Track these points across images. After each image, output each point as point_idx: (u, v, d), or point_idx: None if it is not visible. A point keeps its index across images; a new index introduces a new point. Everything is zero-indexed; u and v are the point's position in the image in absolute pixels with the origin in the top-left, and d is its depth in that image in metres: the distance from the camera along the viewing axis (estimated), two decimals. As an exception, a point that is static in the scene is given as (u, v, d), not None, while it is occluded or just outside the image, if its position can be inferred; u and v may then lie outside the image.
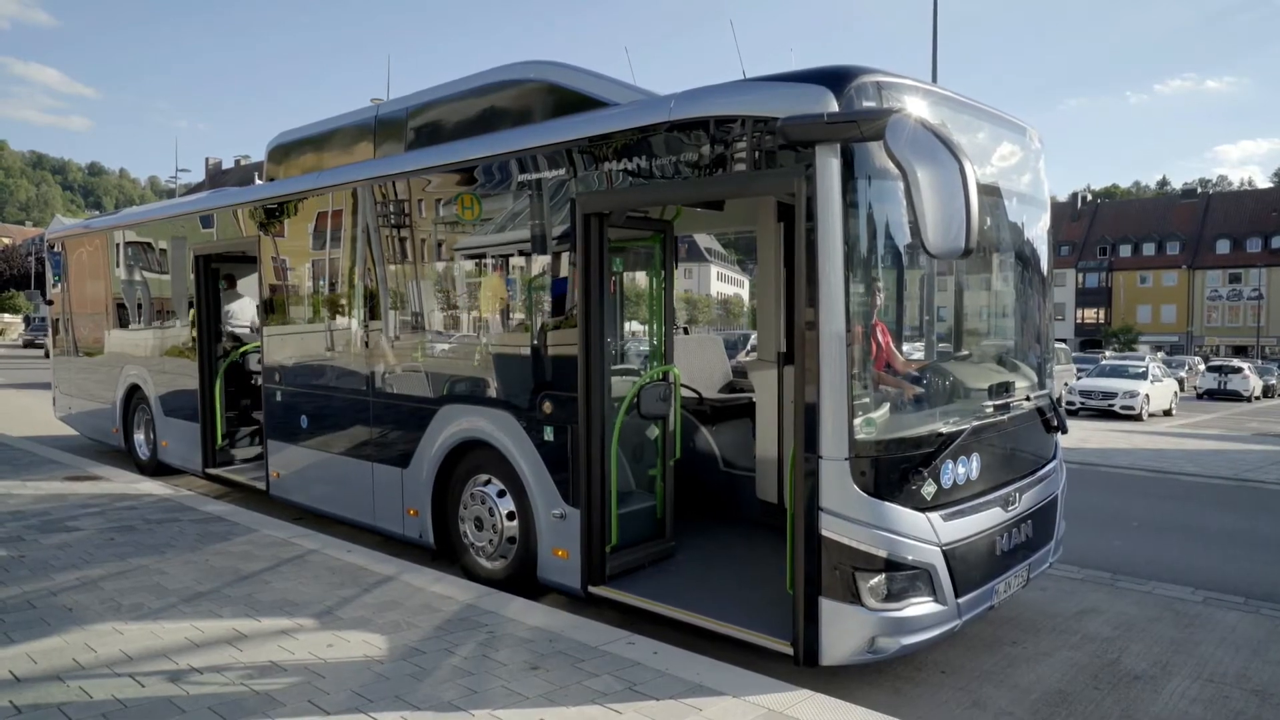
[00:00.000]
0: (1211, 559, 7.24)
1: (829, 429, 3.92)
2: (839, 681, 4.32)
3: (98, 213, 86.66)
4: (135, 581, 5.36)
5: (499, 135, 5.70)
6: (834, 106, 3.87)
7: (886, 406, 4.20)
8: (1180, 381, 30.78)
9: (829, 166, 3.85)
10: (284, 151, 8.04)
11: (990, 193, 4.60)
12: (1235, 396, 33.05)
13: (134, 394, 10.05)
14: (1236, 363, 37.89)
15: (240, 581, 5.39)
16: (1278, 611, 5.74)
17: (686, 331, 10.80)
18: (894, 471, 4.03)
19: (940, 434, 4.22)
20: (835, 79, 3.95)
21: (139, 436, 10.06)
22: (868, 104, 3.92)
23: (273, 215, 7.74)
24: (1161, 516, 9.11)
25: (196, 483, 9.13)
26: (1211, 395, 33.75)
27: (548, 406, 5.21)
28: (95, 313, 10.91)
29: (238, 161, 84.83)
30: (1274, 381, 36.86)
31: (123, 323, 10.29)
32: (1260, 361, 45.71)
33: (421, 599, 5.06)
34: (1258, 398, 33.69)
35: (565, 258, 5.13)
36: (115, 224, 10.64)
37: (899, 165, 3.65)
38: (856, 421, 3.92)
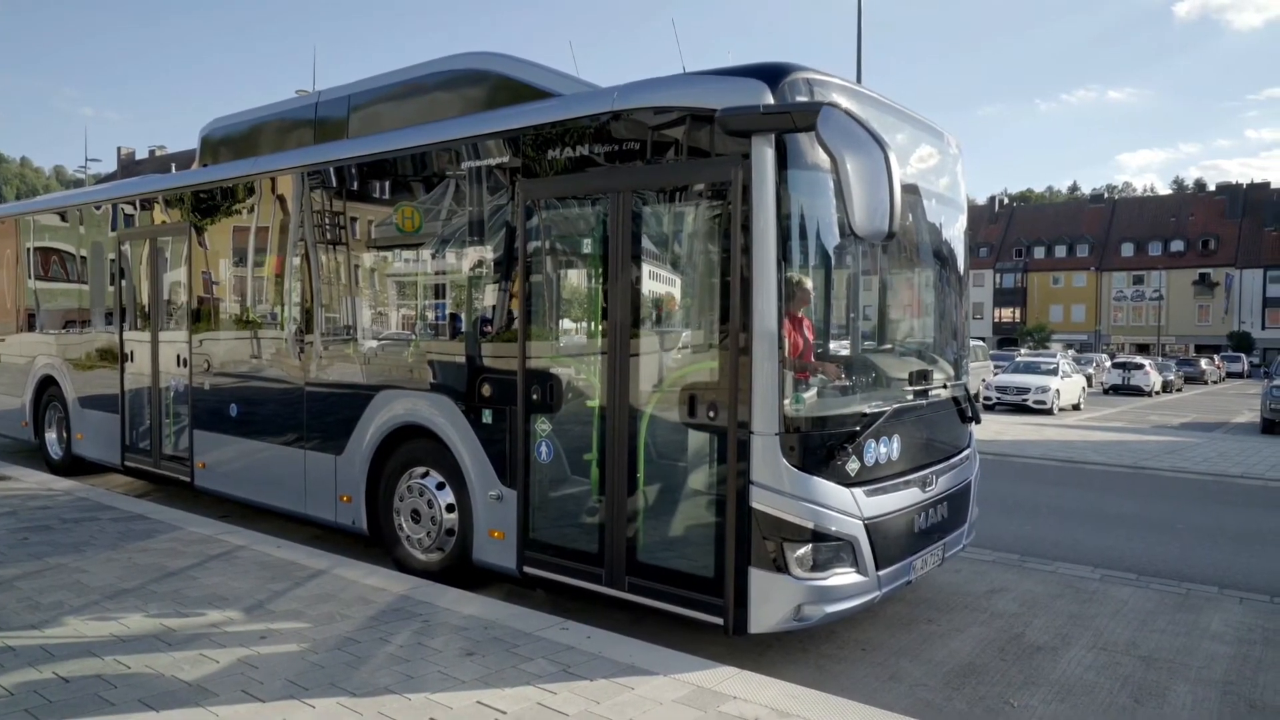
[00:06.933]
0: (1110, 540, 7.73)
1: (760, 405, 4.12)
2: (766, 659, 4.52)
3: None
4: (53, 580, 5.21)
5: (446, 123, 5.76)
6: (769, 99, 4.10)
7: (815, 386, 4.44)
8: (1088, 378, 32.39)
9: (764, 155, 4.07)
10: (218, 138, 7.91)
11: (910, 191, 4.86)
12: (1137, 391, 34.87)
13: (46, 388, 9.64)
14: (1139, 360, 39.99)
15: (166, 578, 5.30)
16: (1165, 586, 6.19)
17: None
18: (821, 448, 4.26)
19: (864, 414, 4.47)
20: (771, 74, 4.18)
21: (51, 435, 9.65)
22: (800, 98, 4.15)
23: (205, 200, 7.58)
24: (1068, 502, 9.65)
25: (114, 480, 8.85)
26: (1116, 390, 35.52)
27: (486, 389, 5.28)
28: (3, 302, 10.44)
29: (152, 152, 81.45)
30: (1172, 377, 39.02)
31: (34, 313, 9.89)
32: (1160, 359, 48.32)
33: (355, 591, 5.07)
34: (1157, 392, 35.62)
35: (508, 242, 5.22)
36: (25, 211, 10.23)
37: (829, 153, 3.90)
38: (786, 399, 4.13)
